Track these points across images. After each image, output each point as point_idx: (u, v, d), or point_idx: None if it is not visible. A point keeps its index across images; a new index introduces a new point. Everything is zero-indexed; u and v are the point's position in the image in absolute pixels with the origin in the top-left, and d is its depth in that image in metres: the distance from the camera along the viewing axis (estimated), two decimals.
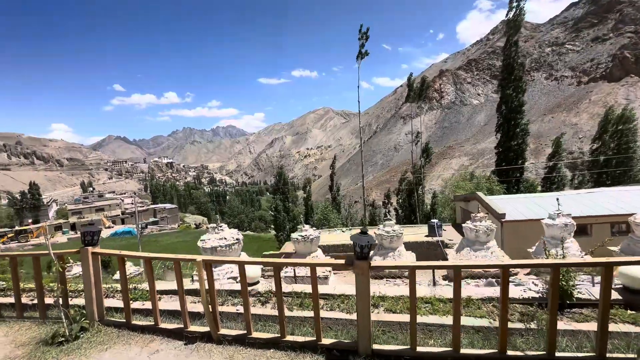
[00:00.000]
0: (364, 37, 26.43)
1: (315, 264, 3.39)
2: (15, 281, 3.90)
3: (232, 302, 4.67)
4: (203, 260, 3.26)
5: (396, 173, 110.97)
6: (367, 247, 2.92)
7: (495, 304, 3.86)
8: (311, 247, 11.38)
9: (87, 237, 3.46)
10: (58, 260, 3.52)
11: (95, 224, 3.41)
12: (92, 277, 3.51)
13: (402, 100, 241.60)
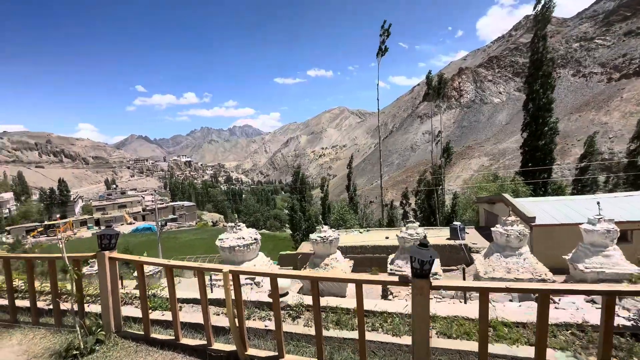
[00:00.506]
0: (385, 34, 25.77)
1: (362, 281, 2.86)
2: (30, 286, 3.71)
3: (259, 316, 4.20)
4: (230, 271, 2.91)
5: (412, 173, 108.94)
6: (429, 264, 2.49)
7: (575, 332, 3.30)
8: (330, 248, 11.08)
9: (104, 241, 3.17)
10: (74, 265, 3.30)
11: (113, 227, 3.16)
12: (108, 284, 3.24)
13: (419, 99, 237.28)
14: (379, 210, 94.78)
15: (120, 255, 3.30)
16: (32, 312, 3.70)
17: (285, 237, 47.99)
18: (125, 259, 3.34)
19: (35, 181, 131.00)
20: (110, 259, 3.19)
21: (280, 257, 18.65)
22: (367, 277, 2.97)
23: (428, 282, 2.49)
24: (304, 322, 4.04)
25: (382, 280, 3.12)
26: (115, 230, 3.28)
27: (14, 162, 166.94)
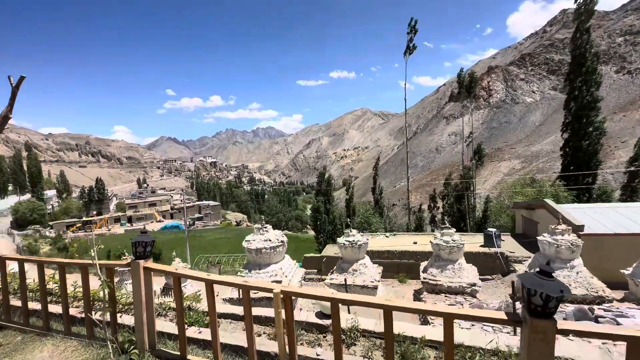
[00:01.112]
0: (412, 31, 24.97)
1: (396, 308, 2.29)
2: (63, 292, 3.53)
3: (307, 340, 3.62)
4: (283, 291, 2.49)
5: (438, 176, 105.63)
6: (557, 300, 1.81)
7: None
8: (359, 253, 10.69)
9: (139, 249, 2.87)
10: (107, 273, 3.08)
11: (145, 227, 2.94)
12: (143, 297, 2.93)
13: (444, 99, 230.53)
14: (402, 213, 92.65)
15: (155, 266, 3.03)
16: (65, 320, 3.52)
17: (308, 239, 47.88)
18: (161, 269, 3.04)
19: (75, 179, 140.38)
20: (145, 269, 2.91)
21: (305, 259, 18.43)
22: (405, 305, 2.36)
23: (553, 325, 1.81)
24: (363, 351, 3.29)
25: (485, 317, 2.07)
26: (150, 237, 2.99)
27: (57, 161, 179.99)
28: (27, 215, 61.14)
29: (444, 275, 9.14)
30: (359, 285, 9.89)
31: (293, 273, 11.53)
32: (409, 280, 15.83)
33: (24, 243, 42.06)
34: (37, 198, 71.86)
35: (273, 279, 10.53)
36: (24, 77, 2.55)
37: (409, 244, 17.80)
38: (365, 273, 10.39)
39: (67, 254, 36.24)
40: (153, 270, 2.97)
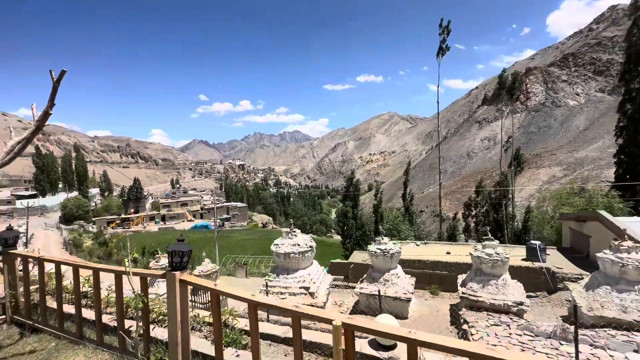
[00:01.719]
0: (445, 32, 24.02)
1: None
2: (97, 301, 3.31)
3: None
4: (344, 324, 2.07)
5: (469, 182, 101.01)
6: None
7: None
8: (391, 262, 10.18)
9: (175, 259, 2.57)
10: (141, 282, 2.82)
11: (185, 241, 2.62)
12: (178, 312, 2.64)
13: (477, 103, 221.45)
14: (430, 220, 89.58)
15: (193, 279, 2.70)
16: (97, 328, 3.33)
17: (333, 243, 47.40)
18: (198, 284, 2.69)
19: (116, 179, 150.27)
20: (181, 282, 2.61)
21: (331, 265, 18.06)
22: None
23: None
24: None
25: None
26: (188, 246, 2.69)
27: (101, 162, 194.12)
28: (74, 211, 66.15)
29: (486, 291, 8.40)
30: (390, 296, 9.38)
31: (321, 280, 11.24)
32: (441, 293, 14.97)
33: (70, 237, 45.41)
34: (83, 195, 77.64)
35: (301, 285, 10.31)
36: (65, 72, 2.48)
37: (442, 254, 16.89)
38: (397, 284, 9.85)
39: (106, 249, 38.58)
40: (190, 283, 2.65)
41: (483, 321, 7.59)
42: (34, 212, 65.90)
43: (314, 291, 10.15)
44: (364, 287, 10.07)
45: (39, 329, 3.45)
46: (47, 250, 37.84)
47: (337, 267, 18.04)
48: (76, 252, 39.02)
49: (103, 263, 34.54)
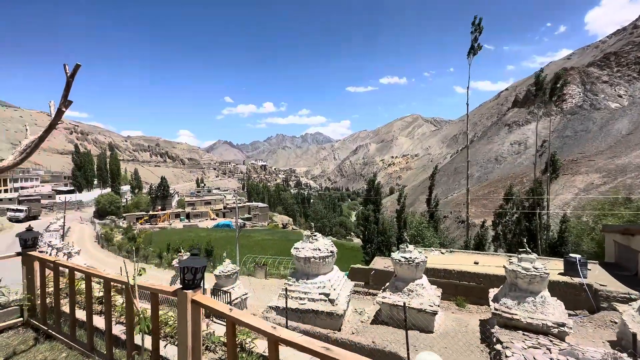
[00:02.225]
0: (477, 30, 22.95)
1: None
2: (107, 313, 3.01)
3: None
4: None
5: (496, 188, 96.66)
6: None
7: None
8: (416, 272, 9.67)
9: (187, 276, 2.24)
10: (152, 298, 2.49)
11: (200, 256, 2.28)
12: (189, 337, 2.28)
13: (506, 105, 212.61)
14: (454, 226, 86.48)
15: (207, 302, 2.28)
16: (107, 339, 3.06)
17: (353, 247, 46.78)
18: (213, 308, 2.24)
19: (145, 177, 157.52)
20: (193, 303, 2.26)
21: (352, 270, 17.64)
22: None
23: None
24: None
25: None
26: (202, 261, 2.35)
27: (132, 160, 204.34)
28: (106, 206, 69.87)
29: (522, 308, 7.72)
30: (415, 308, 8.88)
31: (342, 286, 10.91)
32: (468, 305, 14.16)
33: (102, 231, 47.90)
34: (115, 192, 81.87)
35: (321, 292, 10.03)
36: (79, 66, 2.36)
37: (469, 264, 16.01)
38: (422, 295, 9.32)
39: (134, 244, 40.24)
40: (203, 306, 2.28)
41: (519, 342, 6.95)
42: (71, 206, 70.35)
43: (334, 298, 9.84)
44: (386, 297, 9.62)
45: (52, 336, 3.34)
46: (81, 243, 40.09)
47: (357, 272, 17.59)
48: (107, 246, 41.04)
49: (130, 258, 36.09)
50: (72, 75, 2.34)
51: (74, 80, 2.31)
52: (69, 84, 2.35)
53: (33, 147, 2.54)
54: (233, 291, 12.36)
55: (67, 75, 2.33)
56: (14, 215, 54.27)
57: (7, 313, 3.48)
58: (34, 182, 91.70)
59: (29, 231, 3.47)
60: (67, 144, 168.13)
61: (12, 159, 2.50)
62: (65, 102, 2.39)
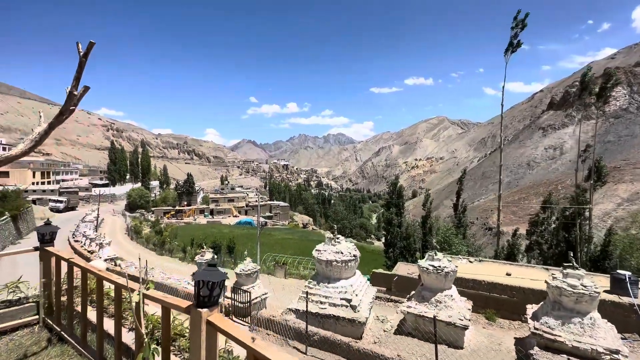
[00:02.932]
0: (519, 26, 21.52)
1: None
2: (117, 321, 2.65)
3: None
4: None
5: (528, 195, 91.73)
6: None
7: None
8: (445, 282, 9.06)
9: (203, 291, 1.90)
10: (163, 313, 2.14)
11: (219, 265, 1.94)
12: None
13: (541, 107, 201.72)
14: (481, 233, 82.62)
15: (225, 326, 1.84)
16: (116, 348, 2.73)
17: (374, 250, 45.89)
18: (231, 335, 1.80)
19: (173, 173, 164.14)
20: (208, 325, 1.87)
21: (373, 275, 17.10)
22: None
23: None
24: None
25: None
26: (221, 274, 1.98)
27: (162, 157, 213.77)
28: (137, 200, 73.32)
29: (567, 330, 6.94)
30: (443, 321, 8.30)
31: (364, 292, 10.48)
32: (499, 320, 13.24)
33: (132, 224, 50.21)
34: (145, 187, 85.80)
35: (342, 297, 9.66)
36: (94, 44, 2.15)
37: (501, 275, 14.99)
38: (452, 307, 8.70)
39: (160, 237, 41.77)
40: (220, 331, 1.86)
41: None
42: (105, 199, 74.49)
43: (356, 304, 9.44)
44: (412, 307, 9.08)
45: (65, 340, 3.13)
46: (113, 235, 42.20)
47: (379, 277, 17.02)
48: (136, 238, 42.91)
49: (157, 251, 37.50)
50: (85, 54, 2.15)
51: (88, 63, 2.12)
52: (81, 65, 2.16)
53: (43, 134, 2.39)
54: (253, 290, 12.27)
55: (80, 55, 2.15)
56: (54, 205, 58.23)
57: (23, 310, 3.38)
58: (74, 176, 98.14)
59: (48, 225, 3.30)
60: (104, 140, 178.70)
61: (21, 147, 2.38)
62: (77, 84, 2.21)
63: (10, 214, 34.54)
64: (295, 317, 10.13)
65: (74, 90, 2.26)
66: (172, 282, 17.00)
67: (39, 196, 61.44)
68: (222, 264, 29.76)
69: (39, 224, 18.52)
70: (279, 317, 10.42)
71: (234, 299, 11.75)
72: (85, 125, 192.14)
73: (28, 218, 40.49)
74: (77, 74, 2.18)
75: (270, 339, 9.70)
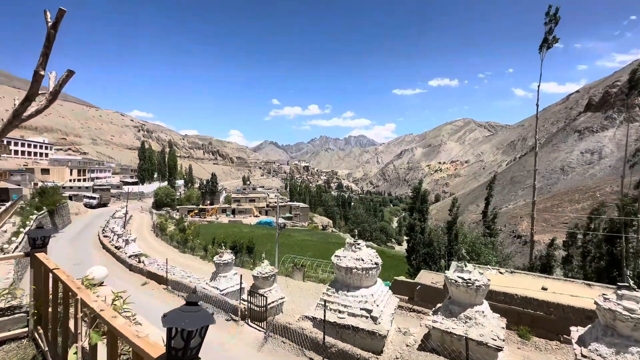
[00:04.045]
0: (552, 21, 20.02)
1: None
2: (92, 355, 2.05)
3: None
4: None
5: (562, 202, 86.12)
6: None
7: None
8: (475, 297, 8.29)
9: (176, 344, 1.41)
10: None
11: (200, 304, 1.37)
12: None
13: (577, 109, 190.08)
14: (509, 241, 78.43)
15: None
16: None
17: (395, 255, 44.60)
18: None
19: (197, 173, 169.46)
20: None
21: (395, 283, 16.35)
22: None
23: None
24: None
25: None
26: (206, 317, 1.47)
27: (188, 157, 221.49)
28: (163, 198, 76.09)
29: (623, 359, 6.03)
30: (474, 340, 7.56)
31: (385, 302, 9.87)
32: (533, 338, 12.16)
33: (158, 221, 52.01)
34: (171, 186, 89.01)
35: (362, 307, 9.12)
36: (64, 11, 1.81)
37: (535, 289, 13.80)
38: (483, 325, 7.93)
39: (184, 235, 42.87)
40: None
41: None
42: (134, 196, 77.92)
43: (377, 316, 8.87)
44: (438, 321, 8.39)
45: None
46: (140, 231, 43.86)
47: (400, 285, 16.26)
48: (161, 235, 44.32)
49: (179, 248, 38.45)
50: (54, 25, 1.79)
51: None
52: (49, 37, 1.76)
53: (7, 124, 2.12)
54: (270, 294, 11.99)
55: (48, 26, 1.80)
56: (88, 201, 61.56)
57: (14, 320, 3.07)
58: (107, 174, 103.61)
59: (40, 229, 3.05)
60: (135, 140, 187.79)
61: None
62: (45, 62, 1.86)
63: (48, 209, 36.74)
64: (312, 325, 9.71)
65: (40, 69, 1.92)
66: (191, 282, 17.13)
67: (74, 192, 65.17)
68: (241, 264, 29.92)
69: (74, 219, 19.07)
70: (295, 324, 10.04)
71: (250, 302, 11.52)
72: (119, 126, 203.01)
73: (64, 213, 42.95)
74: (44, 49, 1.82)
75: (285, 347, 9.35)
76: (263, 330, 10.59)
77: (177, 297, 15.55)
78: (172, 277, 17.47)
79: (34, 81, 1.91)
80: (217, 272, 14.16)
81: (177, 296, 15.46)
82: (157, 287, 17.49)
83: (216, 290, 13.09)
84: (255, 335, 10.53)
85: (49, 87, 2.10)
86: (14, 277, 12.56)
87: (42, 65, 1.89)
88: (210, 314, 1.46)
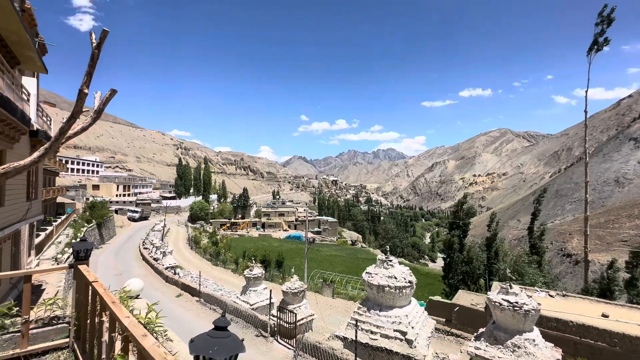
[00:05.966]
0: (604, 22, 18.62)
1: None
2: None
3: None
4: None
5: (618, 217, 77.68)
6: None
7: None
8: (524, 322, 7.49)
9: None
10: None
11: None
12: None
13: (630, 115, 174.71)
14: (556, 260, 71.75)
15: None
16: None
17: (429, 273, 42.42)
18: None
19: (230, 188, 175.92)
20: None
21: (430, 303, 15.41)
22: None
23: None
24: None
25: None
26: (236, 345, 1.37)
27: (221, 173, 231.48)
28: (198, 212, 79.55)
29: None
30: None
31: (421, 324, 9.26)
32: None
33: (193, 234, 54.21)
34: (205, 200, 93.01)
35: (396, 328, 8.61)
36: (107, 32, 1.92)
37: (594, 315, 12.28)
38: (534, 355, 7.09)
39: (216, 248, 44.17)
40: None
41: None
42: (172, 210, 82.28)
43: (412, 339, 8.31)
44: (481, 349, 7.65)
45: None
46: (176, 244, 45.92)
47: (436, 306, 15.27)
48: (195, 248, 46.02)
49: (212, 261, 39.56)
50: (98, 45, 1.93)
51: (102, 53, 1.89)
52: (93, 57, 1.92)
53: (54, 141, 2.26)
54: (299, 310, 11.78)
55: (93, 46, 1.94)
56: (131, 215, 65.95)
57: (56, 330, 3.20)
58: (148, 189, 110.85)
59: (83, 242, 3.16)
60: (174, 157, 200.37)
61: (30, 159, 2.28)
62: (89, 81, 2.00)
63: (97, 222, 39.81)
64: (342, 345, 9.32)
65: (85, 88, 2.05)
66: (222, 295, 17.39)
67: (120, 207, 70.25)
68: (270, 278, 30.00)
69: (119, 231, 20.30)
70: (325, 343, 9.70)
71: (279, 318, 11.39)
72: (160, 144, 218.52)
73: (110, 225, 46.30)
74: (89, 69, 1.97)
75: None
76: (292, 348, 10.35)
77: (209, 309, 15.82)
78: (204, 290, 17.89)
79: (79, 99, 2.07)
80: (247, 286, 14.24)
81: (209, 309, 15.72)
82: (190, 299, 17.98)
83: (246, 305, 13.13)
84: (285, 353, 10.32)
85: (93, 105, 2.27)
86: (64, 286, 13.54)
87: (86, 84, 2.04)
88: (240, 341, 1.37)
